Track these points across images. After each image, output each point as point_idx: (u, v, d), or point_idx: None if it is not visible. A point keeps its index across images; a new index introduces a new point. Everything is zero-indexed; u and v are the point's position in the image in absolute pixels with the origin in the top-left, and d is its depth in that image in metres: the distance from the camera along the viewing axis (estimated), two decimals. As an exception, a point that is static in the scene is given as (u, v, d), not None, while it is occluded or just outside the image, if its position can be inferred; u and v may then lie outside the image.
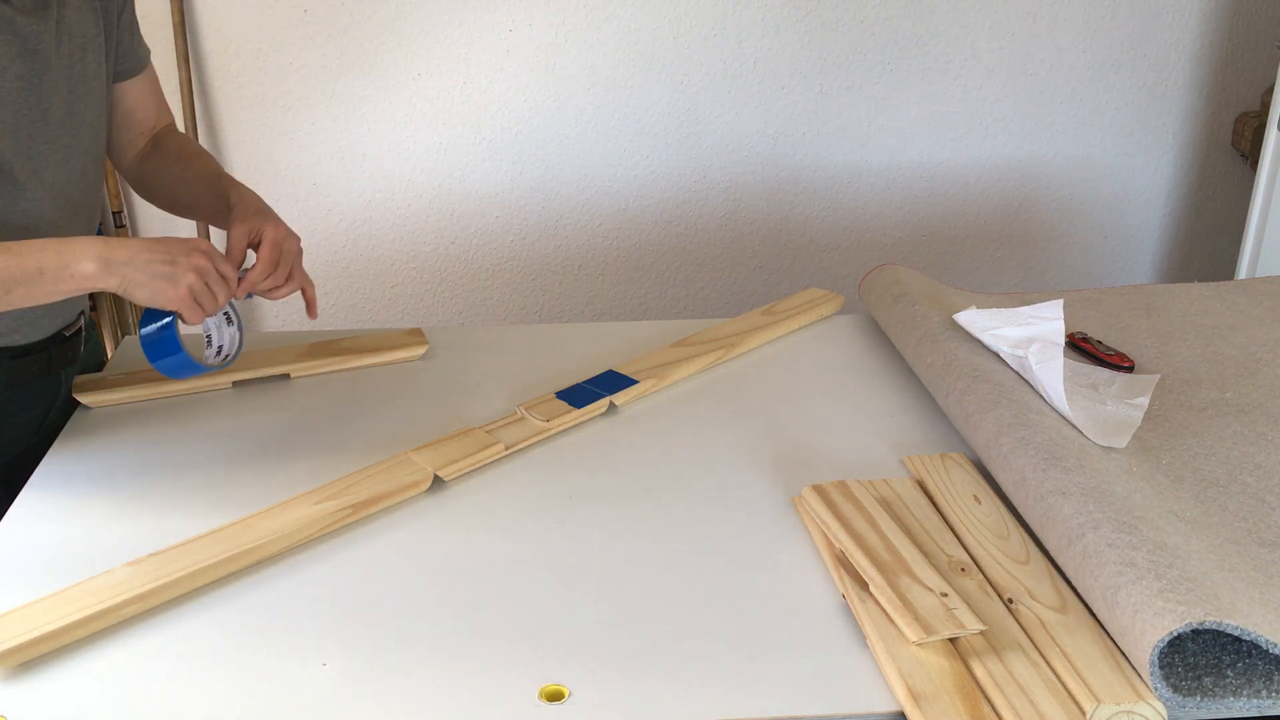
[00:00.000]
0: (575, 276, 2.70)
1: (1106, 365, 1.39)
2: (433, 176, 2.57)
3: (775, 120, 2.60)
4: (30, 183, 1.21)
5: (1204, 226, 2.83)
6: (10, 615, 0.98)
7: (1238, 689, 0.88)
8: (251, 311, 2.68)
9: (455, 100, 2.51)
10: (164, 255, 1.15)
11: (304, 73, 2.44)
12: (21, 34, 1.17)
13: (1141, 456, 1.18)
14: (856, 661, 0.95)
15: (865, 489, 1.15)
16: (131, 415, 1.36)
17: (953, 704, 0.88)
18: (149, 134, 1.46)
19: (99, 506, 1.18)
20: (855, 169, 2.68)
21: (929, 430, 1.33)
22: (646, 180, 2.63)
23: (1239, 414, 1.27)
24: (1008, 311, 1.37)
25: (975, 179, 2.72)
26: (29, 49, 1.18)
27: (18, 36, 1.17)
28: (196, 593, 1.05)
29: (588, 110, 2.55)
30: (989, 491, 1.17)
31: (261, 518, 1.13)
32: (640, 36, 2.50)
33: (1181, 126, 2.71)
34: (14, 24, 1.16)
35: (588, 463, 1.26)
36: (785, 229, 2.71)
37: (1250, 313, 1.53)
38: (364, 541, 1.13)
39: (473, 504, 1.19)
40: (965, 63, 2.59)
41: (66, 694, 0.92)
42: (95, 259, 1.11)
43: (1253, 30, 2.63)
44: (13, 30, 1.16)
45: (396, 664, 0.95)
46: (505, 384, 1.43)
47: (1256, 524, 1.07)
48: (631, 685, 0.93)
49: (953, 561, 1.05)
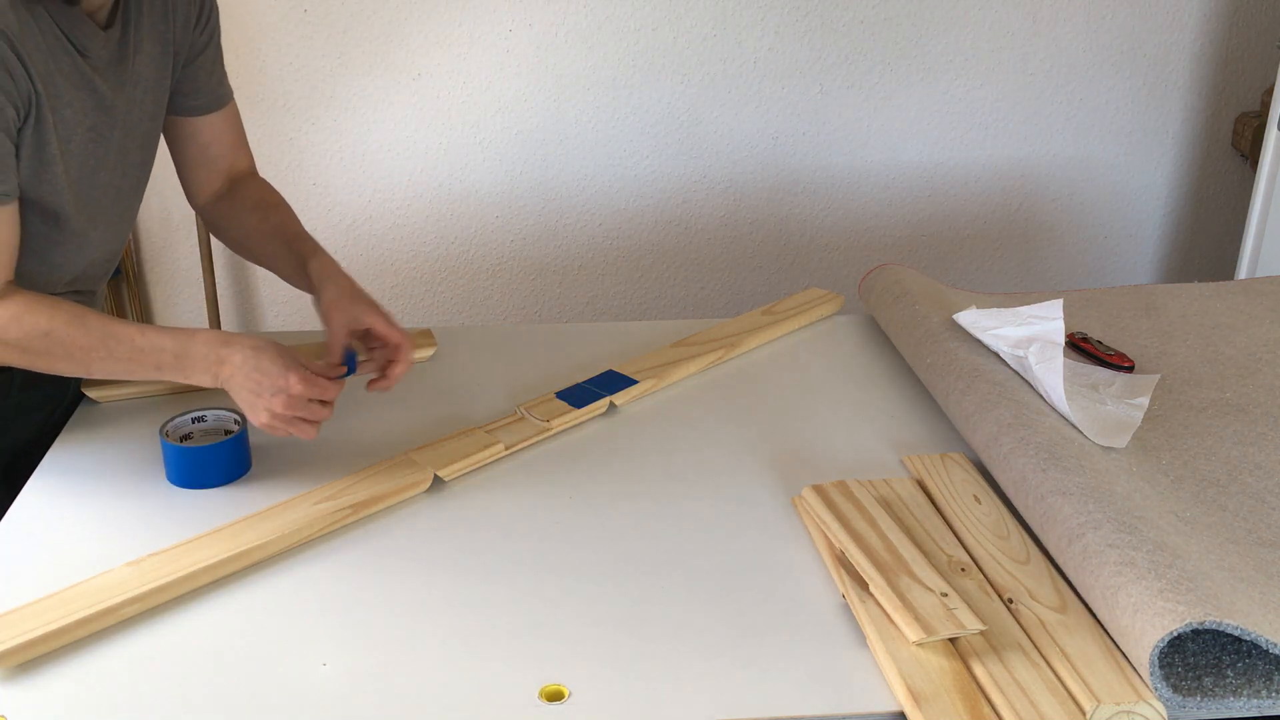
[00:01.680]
0: (575, 276, 2.70)
1: (1106, 365, 1.39)
2: (433, 176, 2.57)
3: (775, 120, 2.60)
4: (85, 228, 1.24)
5: (1204, 226, 2.83)
6: (10, 615, 0.98)
7: (1238, 689, 0.88)
8: (252, 311, 2.69)
9: (455, 100, 2.51)
10: (254, 385, 1.16)
11: (304, 73, 2.44)
12: (98, 91, 1.19)
13: (1141, 456, 1.18)
14: (856, 661, 0.95)
15: (865, 489, 1.15)
16: (136, 411, 1.36)
17: (953, 704, 0.88)
18: (225, 174, 1.43)
19: (100, 505, 1.18)
20: (855, 169, 2.68)
21: (929, 430, 1.33)
22: (646, 180, 2.63)
23: (1239, 414, 1.27)
24: (1008, 311, 1.37)
25: (975, 179, 2.72)
26: (103, 105, 1.20)
27: (94, 94, 1.19)
28: (196, 593, 1.05)
29: (588, 110, 2.55)
30: (989, 491, 1.17)
31: (261, 518, 1.13)
32: (640, 36, 2.50)
33: (1181, 126, 2.71)
34: (91, 81, 1.18)
35: (588, 463, 1.26)
36: (785, 229, 2.71)
37: (1250, 313, 1.53)
38: (364, 541, 1.13)
39: (473, 504, 1.19)
40: (965, 63, 2.59)
41: (66, 694, 0.92)
42: (210, 376, 1.17)
43: (1253, 30, 2.63)
44: (90, 87, 1.18)
45: (396, 664, 0.95)
46: (505, 384, 1.43)
47: (1256, 524, 1.07)
48: (631, 685, 0.93)
49: (953, 561, 1.05)
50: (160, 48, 1.27)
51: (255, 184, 1.44)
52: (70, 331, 1.15)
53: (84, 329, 1.15)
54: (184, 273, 2.61)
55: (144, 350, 1.16)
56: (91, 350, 1.15)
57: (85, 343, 1.15)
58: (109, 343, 1.16)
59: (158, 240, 2.57)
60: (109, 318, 1.18)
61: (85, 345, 1.15)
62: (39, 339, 1.15)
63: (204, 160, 1.41)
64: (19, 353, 1.16)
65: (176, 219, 2.54)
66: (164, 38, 1.27)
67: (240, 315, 2.67)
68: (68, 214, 1.21)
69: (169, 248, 2.58)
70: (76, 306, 1.17)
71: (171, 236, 2.57)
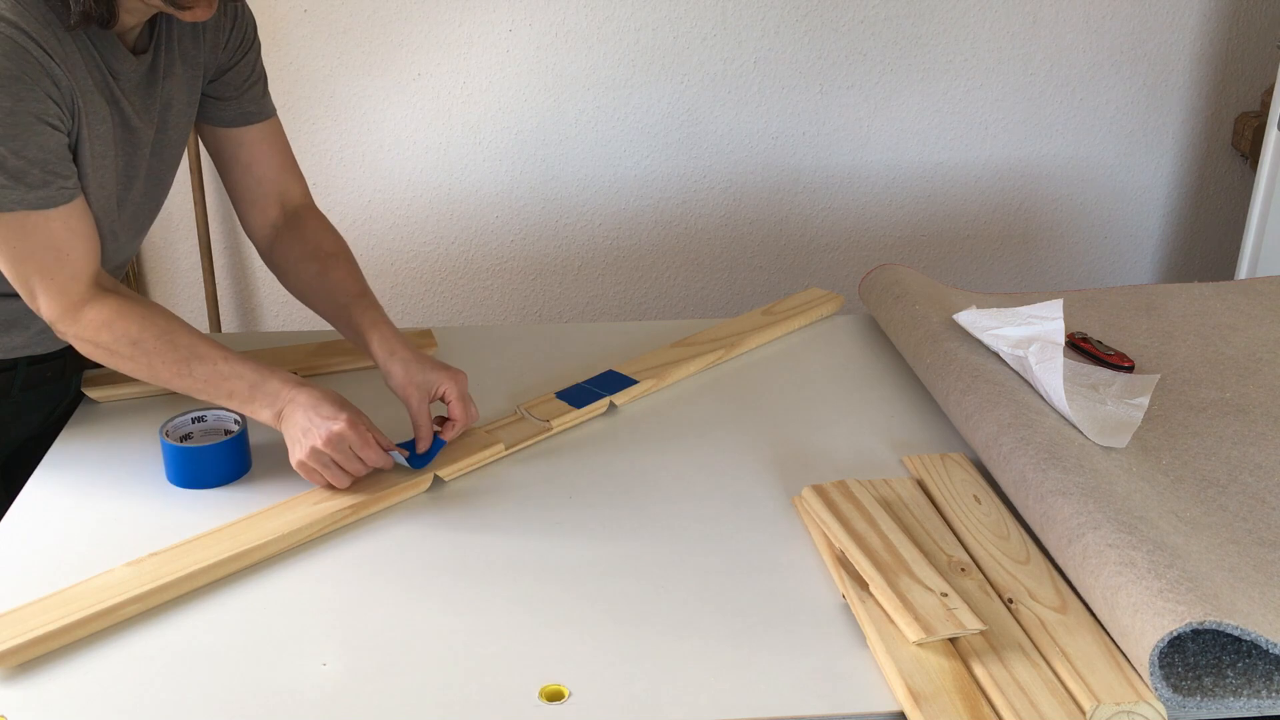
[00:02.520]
0: (575, 276, 2.70)
1: (1106, 365, 1.39)
2: (433, 176, 2.57)
3: (775, 120, 2.60)
4: (105, 239, 1.25)
5: (1204, 226, 2.83)
6: (10, 615, 0.98)
7: (1238, 689, 0.88)
8: (252, 311, 2.69)
9: (455, 100, 2.51)
10: (307, 422, 1.16)
11: (304, 73, 2.44)
12: (125, 113, 1.21)
13: (1141, 456, 1.18)
14: (856, 661, 0.95)
15: (865, 489, 1.15)
16: (136, 410, 1.36)
17: (953, 704, 0.88)
18: (278, 200, 1.39)
19: (100, 505, 1.18)
20: (855, 169, 2.67)
21: (929, 430, 1.33)
22: (646, 180, 2.63)
23: (1239, 414, 1.27)
24: (1008, 311, 1.37)
25: (975, 179, 2.72)
26: (129, 126, 1.22)
27: (122, 115, 1.20)
28: (196, 593, 1.05)
29: (588, 110, 2.55)
30: (989, 491, 1.17)
31: (261, 518, 1.13)
32: (640, 36, 2.50)
33: (1181, 126, 2.71)
34: (120, 103, 1.20)
35: (588, 463, 1.26)
36: (785, 229, 2.71)
37: (1250, 313, 1.53)
38: (364, 541, 1.13)
39: (473, 504, 1.19)
40: (965, 63, 2.59)
41: (66, 694, 0.92)
42: (273, 413, 1.18)
43: (1253, 30, 2.63)
44: (118, 108, 1.20)
45: (396, 664, 0.95)
46: (505, 384, 1.43)
47: (1256, 524, 1.07)
48: (631, 685, 0.93)
49: (953, 561, 1.05)
50: (191, 70, 1.29)
51: (313, 225, 1.39)
52: (158, 345, 1.17)
53: (172, 346, 1.17)
54: (184, 273, 2.61)
55: (224, 376, 1.18)
56: (173, 367, 1.17)
57: (170, 358, 1.17)
58: (192, 364, 1.17)
59: (158, 240, 2.57)
60: (197, 336, 1.19)
61: (169, 361, 1.17)
62: (127, 346, 1.17)
63: (251, 184, 1.38)
64: (105, 353, 1.18)
65: (176, 219, 2.54)
66: (195, 60, 1.28)
67: (240, 315, 2.67)
68: (103, 225, 1.23)
69: (169, 248, 2.58)
70: (167, 318, 1.19)
71: (171, 236, 2.57)
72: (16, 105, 1.06)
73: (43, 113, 1.08)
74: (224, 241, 2.59)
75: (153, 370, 1.18)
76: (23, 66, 1.06)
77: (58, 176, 1.12)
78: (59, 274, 1.15)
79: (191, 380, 1.18)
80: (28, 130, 1.08)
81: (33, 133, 1.08)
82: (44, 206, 1.12)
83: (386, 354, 1.24)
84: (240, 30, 1.32)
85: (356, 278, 1.34)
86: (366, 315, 1.28)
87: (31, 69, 1.07)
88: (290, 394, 1.17)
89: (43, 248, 1.13)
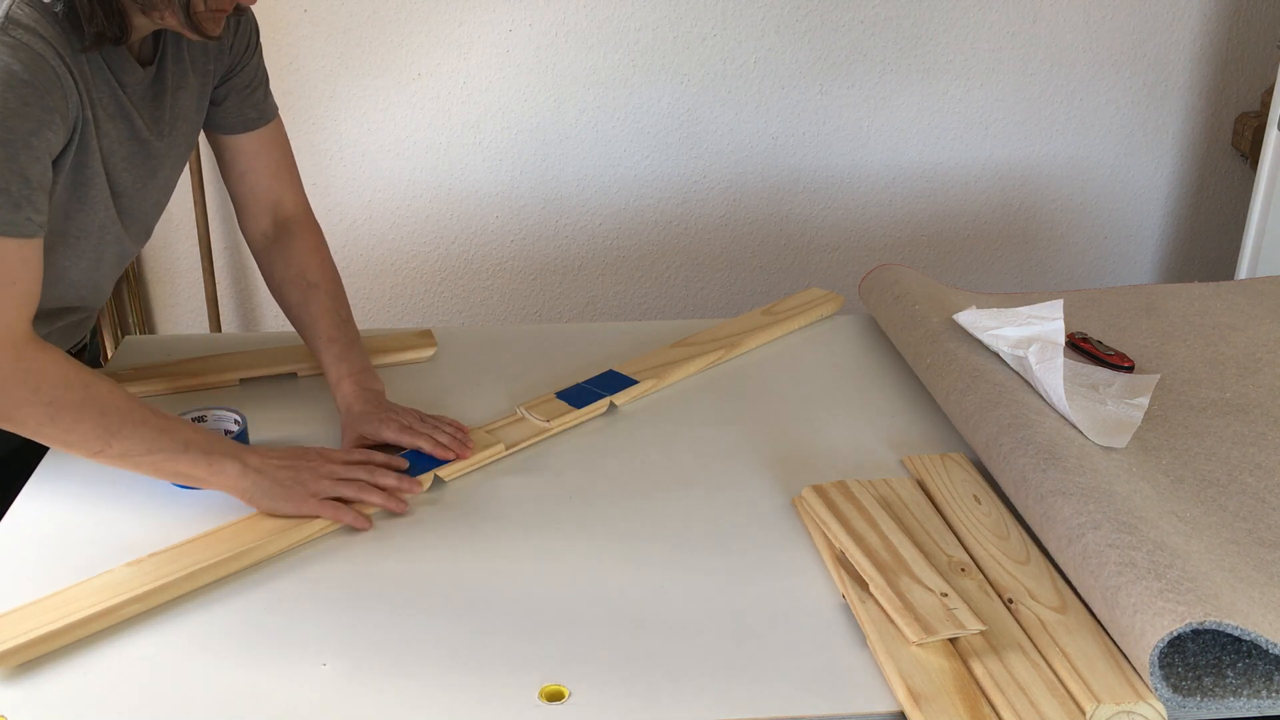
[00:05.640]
0: (575, 276, 2.70)
1: (1106, 365, 1.39)
2: (433, 176, 2.57)
3: (775, 120, 2.60)
4: (110, 245, 1.26)
5: (1204, 226, 2.83)
6: (10, 615, 0.98)
7: (1238, 689, 0.88)
8: (252, 311, 2.69)
9: (455, 100, 2.51)
10: (290, 462, 1.15)
11: (304, 73, 2.44)
12: (134, 124, 1.21)
13: (1141, 456, 1.18)
14: (856, 661, 0.95)
15: (865, 489, 1.15)
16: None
17: (953, 704, 0.88)
18: (270, 210, 1.39)
19: (100, 505, 1.18)
20: (855, 169, 2.68)
21: (929, 430, 1.33)
22: (646, 180, 2.63)
23: (1239, 414, 1.27)
24: (1008, 311, 1.37)
25: (975, 179, 2.72)
26: (138, 137, 1.22)
27: (130, 125, 1.20)
28: (196, 593, 1.05)
29: (588, 110, 2.55)
30: (989, 491, 1.17)
31: (261, 518, 1.13)
32: (640, 36, 2.50)
33: (1181, 126, 2.71)
34: (129, 114, 1.19)
35: (588, 463, 1.26)
36: (785, 229, 2.71)
37: (1250, 313, 1.53)
38: (364, 541, 1.13)
39: (473, 504, 1.19)
40: (965, 63, 2.59)
41: (66, 694, 0.92)
42: (238, 465, 1.12)
43: (1253, 30, 2.63)
44: (127, 119, 1.20)
45: (396, 664, 0.95)
46: (505, 384, 1.43)
47: (1256, 524, 1.07)
48: (631, 685, 0.93)
49: (953, 561, 1.05)
50: (202, 79, 1.29)
51: (300, 245, 1.38)
52: (108, 387, 1.10)
53: (124, 393, 1.11)
54: (184, 273, 2.61)
55: (175, 424, 1.12)
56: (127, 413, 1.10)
57: (122, 404, 1.10)
58: (143, 411, 1.11)
59: (158, 240, 2.57)
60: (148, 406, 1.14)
61: (121, 406, 1.10)
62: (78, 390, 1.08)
63: (244, 192, 1.38)
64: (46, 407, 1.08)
65: (177, 219, 2.54)
66: (205, 69, 1.29)
67: (240, 315, 2.67)
68: (95, 234, 1.23)
69: (169, 248, 2.58)
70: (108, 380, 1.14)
71: (171, 236, 2.57)
72: (23, 109, 1.05)
73: (41, 139, 1.06)
74: (224, 241, 2.59)
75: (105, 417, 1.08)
76: (41, 81, 1.05)
77: (31, 206, 1.07)
78: (5, 304, 1.07)
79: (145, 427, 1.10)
80: (25, 148, 1.05)
81: (30, 150, 1.06)
82: (10, 234, 1.06)
83: (343, 411, 1.28)
84: (245, 34, 1.32)
85: (333, 315, 1.35)
86: (333, 369, 1.31)
87: (49, 85, 1.06)
88: (242, 449, 1.14)
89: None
